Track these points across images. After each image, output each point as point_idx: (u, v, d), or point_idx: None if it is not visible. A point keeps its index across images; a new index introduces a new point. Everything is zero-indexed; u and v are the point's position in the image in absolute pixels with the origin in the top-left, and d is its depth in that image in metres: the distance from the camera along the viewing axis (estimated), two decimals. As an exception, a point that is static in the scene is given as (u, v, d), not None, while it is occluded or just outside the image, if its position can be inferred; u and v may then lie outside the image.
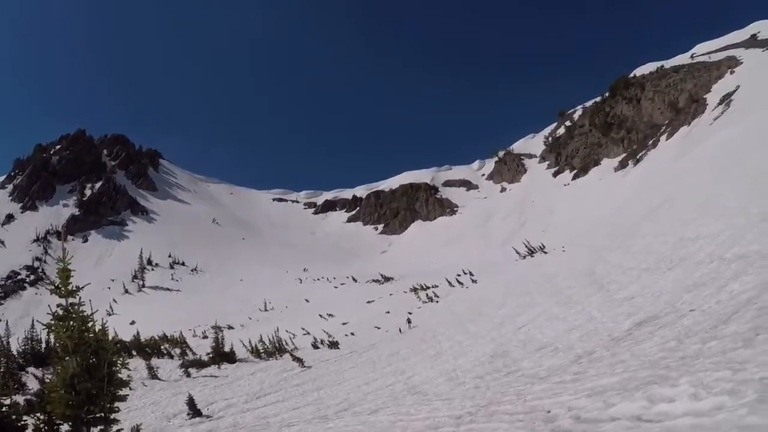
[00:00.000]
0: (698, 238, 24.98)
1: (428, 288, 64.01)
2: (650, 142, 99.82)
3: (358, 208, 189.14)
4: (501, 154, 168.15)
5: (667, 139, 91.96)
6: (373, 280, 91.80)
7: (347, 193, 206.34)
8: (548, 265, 46.78)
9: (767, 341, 8.55)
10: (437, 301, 53.60)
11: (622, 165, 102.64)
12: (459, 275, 66.22)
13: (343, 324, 52.06)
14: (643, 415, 7.47)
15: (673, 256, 24.68)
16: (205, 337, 54.68)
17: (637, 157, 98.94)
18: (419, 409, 15.23)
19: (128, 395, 5.25)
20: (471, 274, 65.33)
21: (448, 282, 62.68)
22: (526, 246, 66.52)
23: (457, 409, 13.67)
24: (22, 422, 6.23)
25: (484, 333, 28.53)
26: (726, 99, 78.51)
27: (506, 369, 18.62)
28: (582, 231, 64.07)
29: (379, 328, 44.59)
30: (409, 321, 38.29)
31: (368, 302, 67.11)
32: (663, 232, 31.91)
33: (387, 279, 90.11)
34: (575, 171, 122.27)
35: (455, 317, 38.28)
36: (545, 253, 59.79)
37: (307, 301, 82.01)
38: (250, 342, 42.58)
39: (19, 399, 19.11)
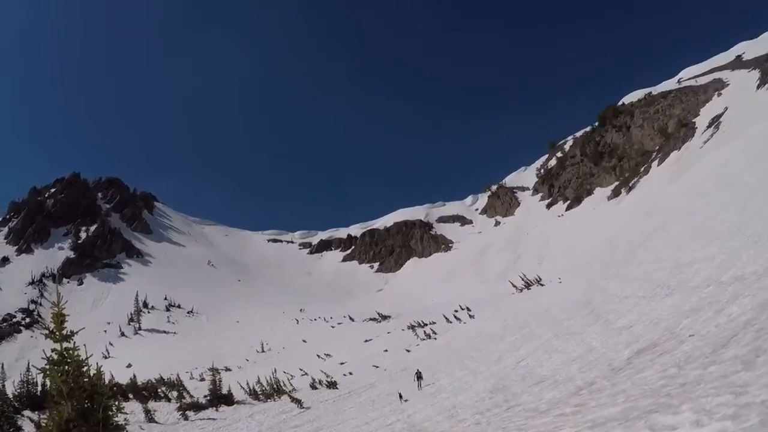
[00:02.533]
0: (694, 262, 24.93)
1: (426, 325, 63.58)
2: (642, 168, 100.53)
3: (353, 247, 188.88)
4: (494, 188, 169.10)
5: (658, 165, 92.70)
6: (371, 319, 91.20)
7: (342, 233, 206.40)
8: (545, 298, 46.59)
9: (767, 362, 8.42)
10: (435, 338, 53.20)
11: (615, 193, 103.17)
12: (456, 311, 66.03)
13: (341, 364, 51.57)
14: (645, 444, 7.31)
15: (670, 281, 24.58)
16: (203, 379, 54.16)
17: (630, 184, 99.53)
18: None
19: None
20: (468, 309, 65.13)
21: (446, 318, 62.38)
22: (522, 279, 66.32)
23: (460, 447, 13.45)
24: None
25: (483, 368, 28.28)
26: (715, 121, 79.53)
27: (506, 404, 18.38)
28: (578, 261, 64.03)
29: (377, 367, 44.19)
30: (419, 378, 30.66)
31: (366, 341, 66.57)
32: (658, 259, 31.84)
33: (384, 317, 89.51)
34: (569, 201, 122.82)
35: (454, 353, 38.02)
36: (542, 285, 59.59)
37: (304, 341, 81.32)
38: (247, 383, 42.22)
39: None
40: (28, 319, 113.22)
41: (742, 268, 18.72)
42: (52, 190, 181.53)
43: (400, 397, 28.13)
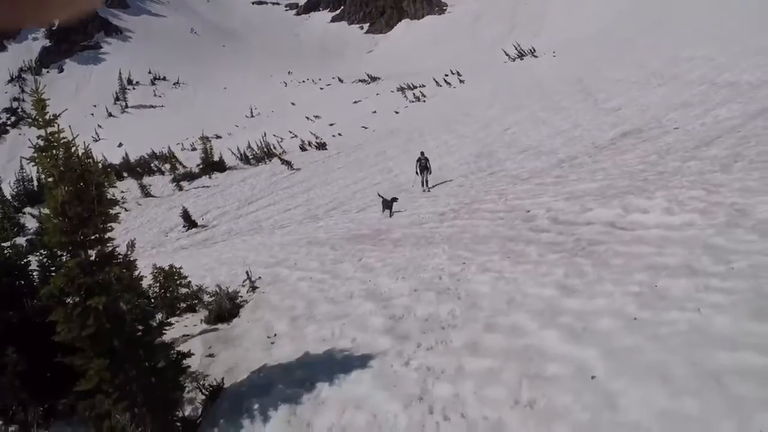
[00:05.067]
0: (692, 58, 24.77)
1: (415, 87, 63.34)
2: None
3: (342, 7, 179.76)
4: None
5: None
6: (360, 81, 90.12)
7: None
8: (537, 70, 46.24)
9: (744, 169, 8.92)
10: (424, 101, 53.44)
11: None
12: (447, 75, 65.32)
13: (330, 125, 52.13)
14: (617, 222, 8.00)
15: (665, 73, 24.61)
16: (194, 149, 54.59)
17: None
18: (405, 206, 16.01)
19: (119, 213, 5.48)
20: (459, 74, 64.47)
21: (436, 82, 61.96)
22: (516, 48, 65.12)
23: (441, 206, 14.41)
24: (25, 260, 6.56)
25: (470, 133, 29.03)
26: None
27: (490, 169, 19.31)
28: (575, 38, 62.37)
29: (366, 128, 44.89)
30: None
31: (355, 102, 66.59)
32: (657, 48, 31.39)
33: (373, 79, 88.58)
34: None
35: (442, 117, 38.50)
36: (535, 57, 58.79)
37: (292, 104, 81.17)
38: (238, 149, 42.96)
39: (21, 240, 19.56)
40: (13, 118, 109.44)
41: (738, 74, 18.80)
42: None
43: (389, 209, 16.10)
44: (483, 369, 5.05)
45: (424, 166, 19.51)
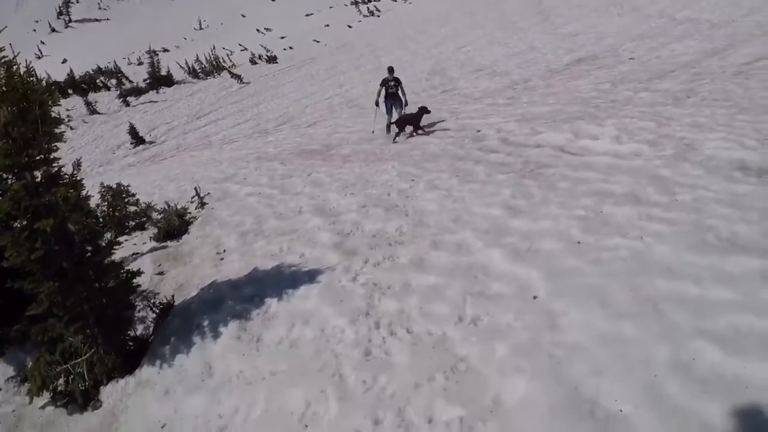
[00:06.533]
0: (654, -9, 24.74)
1: (369, 2, 61.79)
2: None
3: None
4: None
5: None
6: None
7: None
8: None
9: (696, 105, 9.04)
10: (378, 16, 52.42)
11: None
12: (403, -11, 63.79)
13: (282, 38, 50.87)
14: (566, 146, 8.10)
15: (625, 3, 24.57)
16: (141, 63, 52.66)
17: None
18: (355, 122, 15.82)
19: (65, 132, 5.21)
20: (415, -12, 63.02)
21: (391, -5, 60.52)
22: (475, -36, 63.61)
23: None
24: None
25: (423, 50, 28.63)
26: None
27: (442, 87, 19.17)
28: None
29: (318, 42, 43.84)
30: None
31: (307, 15, 64.78)
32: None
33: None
34: None
35: (396, 33, 37.82)
36: (495, -27, 57.61)
37: (243, 15, 78.32)
38: (186, 63, 41.54)
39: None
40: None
41: (698, 12, 18.94)
42: None
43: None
44: (428, 285, 5.18)
45: (393, 93, 12.46)
